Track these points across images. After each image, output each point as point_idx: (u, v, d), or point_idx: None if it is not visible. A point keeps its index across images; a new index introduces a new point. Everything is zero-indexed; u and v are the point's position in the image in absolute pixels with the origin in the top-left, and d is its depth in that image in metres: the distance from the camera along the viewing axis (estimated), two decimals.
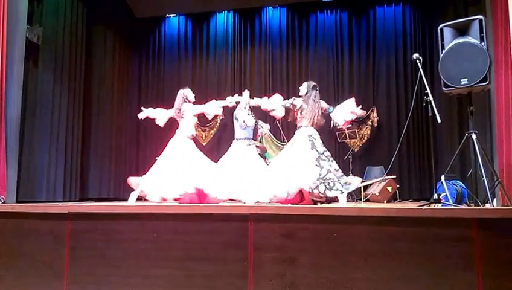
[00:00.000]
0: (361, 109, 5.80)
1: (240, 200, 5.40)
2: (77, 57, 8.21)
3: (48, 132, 7.39)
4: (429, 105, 4.09)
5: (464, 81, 4.30)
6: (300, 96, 5.74)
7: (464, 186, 4.44)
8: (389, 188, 7.47)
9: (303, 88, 5.71)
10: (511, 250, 2.56)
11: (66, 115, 7.80)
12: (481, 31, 4.32)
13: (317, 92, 5.65)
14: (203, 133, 9.94)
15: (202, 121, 9.95)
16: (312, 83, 5.70)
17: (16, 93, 6.07)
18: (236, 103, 6.21)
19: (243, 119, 5.97)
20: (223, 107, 6.21)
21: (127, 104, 9.88)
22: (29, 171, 6.84)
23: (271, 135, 8.81)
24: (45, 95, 7.34)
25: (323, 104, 5.67)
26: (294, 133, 5.69)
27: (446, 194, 4.20)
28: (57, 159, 7.55)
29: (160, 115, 6.34)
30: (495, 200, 4.78)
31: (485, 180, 4.10)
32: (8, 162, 5.69)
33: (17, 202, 5.98)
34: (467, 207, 4.06)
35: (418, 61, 4.34)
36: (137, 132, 10.21)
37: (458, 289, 2.59)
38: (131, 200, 5.59)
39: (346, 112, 5.62)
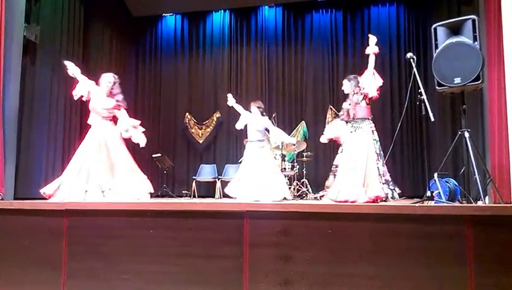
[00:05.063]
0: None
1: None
2: (74, 55, 8.19)
3: (46, 129, 7.40)
4: (423, 103, 4.14)
5: (457, 80, 4.33)
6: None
7: (457, 184, 4.46)
8: None
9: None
10: (502, 246, 2.60)
11: (63, 112, 7.82)
12: (474, 31, 4.35)
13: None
14: (200, 131, 9.96)
15: (198, 119, 10.02)
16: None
17: (14, 91, 6.09)
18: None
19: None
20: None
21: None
22: (27, 167, 6.83)
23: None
24: (43, 93, 7.35)
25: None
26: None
27: (439, 192, 4.22)
28: (55, 156, 7.55)
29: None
30: (487, 197, 4.82)
31: (477, 177, 4.14)
32: (6, 159, 5.71)
33: (15, 198, 6.00)
34: (460, 204, 4.11)
35: (411, 60, 4.40)
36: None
37: (451, 284, 2.63)
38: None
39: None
